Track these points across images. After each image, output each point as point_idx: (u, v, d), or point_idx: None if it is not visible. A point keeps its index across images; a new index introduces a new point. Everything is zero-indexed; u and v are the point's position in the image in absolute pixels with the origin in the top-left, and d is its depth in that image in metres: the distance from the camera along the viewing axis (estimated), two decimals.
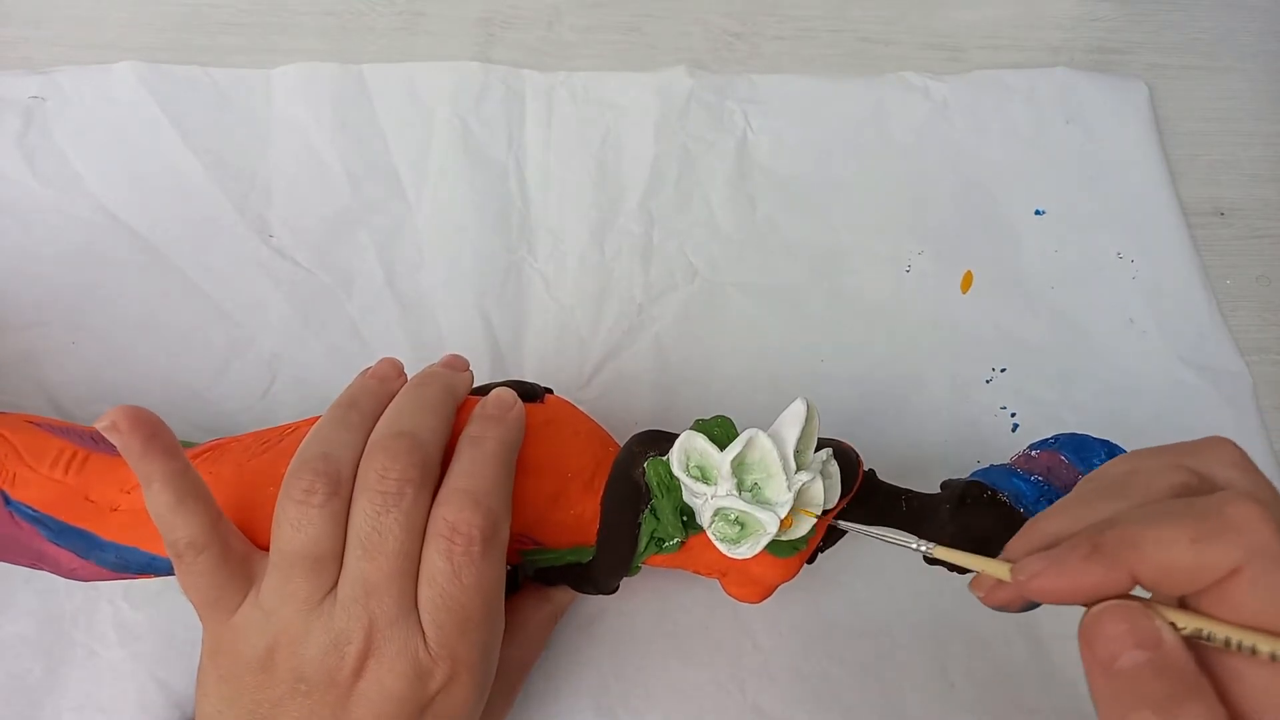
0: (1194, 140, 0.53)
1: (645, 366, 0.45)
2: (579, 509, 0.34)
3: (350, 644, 0.28)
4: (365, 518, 0.29)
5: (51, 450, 0.35)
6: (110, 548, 0.34)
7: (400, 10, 0.53)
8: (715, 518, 0.31)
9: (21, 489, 0.34)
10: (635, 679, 0.39)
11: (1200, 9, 0.57)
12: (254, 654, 0.29)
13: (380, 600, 0.29)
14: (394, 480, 0.29)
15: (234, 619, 0.30)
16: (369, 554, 0.29)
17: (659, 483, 0.33)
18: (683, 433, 0.33)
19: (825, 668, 0.40)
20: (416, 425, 0.31)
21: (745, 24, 0.54)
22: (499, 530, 0.30)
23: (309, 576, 0.29)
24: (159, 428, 0.30)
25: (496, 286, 0.46)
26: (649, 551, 0.34)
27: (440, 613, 0.29)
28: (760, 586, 0.34)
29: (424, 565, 0.29)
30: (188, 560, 0.30)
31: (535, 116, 0.50)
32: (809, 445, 0.33)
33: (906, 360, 0.46)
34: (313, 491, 0.29)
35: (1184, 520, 0.22)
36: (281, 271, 0.45)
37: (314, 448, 0.30)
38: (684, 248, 0.48)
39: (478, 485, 0.30)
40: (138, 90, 0.48)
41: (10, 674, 0.38)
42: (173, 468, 0.30)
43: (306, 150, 0.48)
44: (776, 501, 0.31)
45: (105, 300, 0.44)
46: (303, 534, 0.29)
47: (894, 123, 0.51)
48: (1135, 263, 0.49)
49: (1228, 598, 0.22)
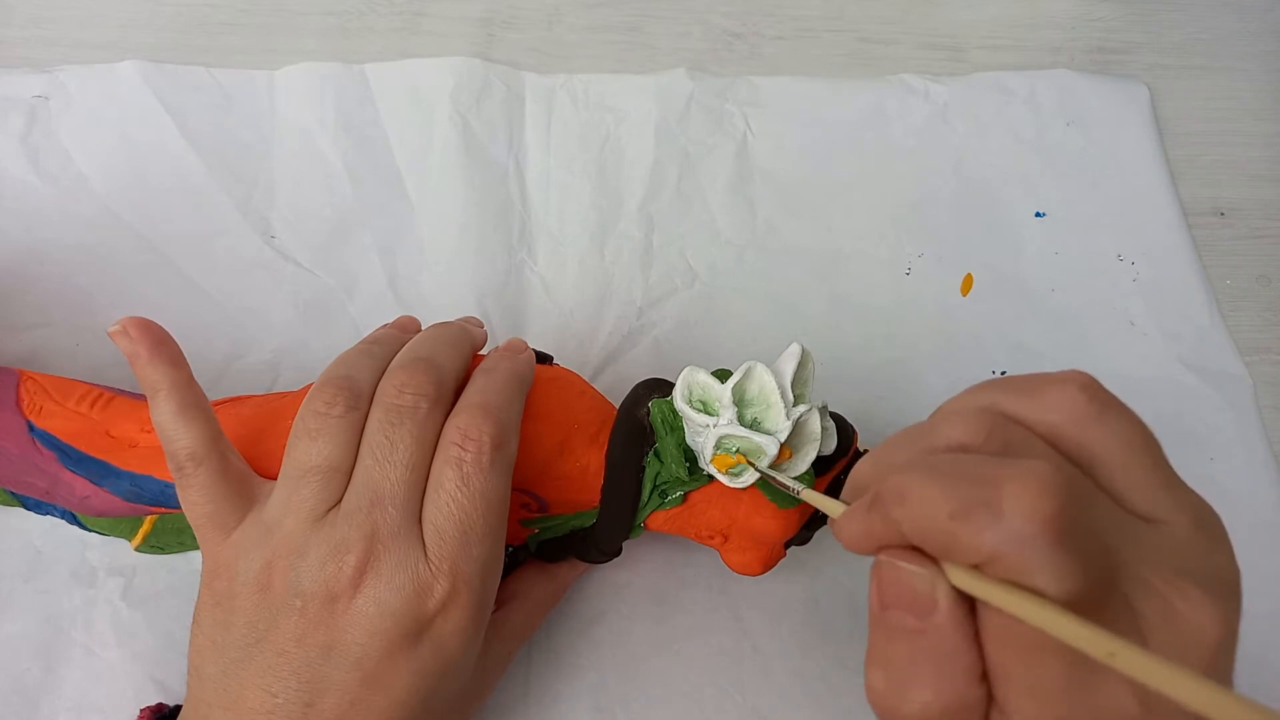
0: (1194, 140, 0.53)
1: (645, 370, 0.45)
2: (584, 461, 0.34)
3: (350, 553, 0.28)
4: (378, 428, 0.30)
5: (78, 389, 0.36)
6: (125, 475, 0.35)
7: (400, 10, 0.53)
8: (717, 448, 0.32)
9: (46, 419, 0.35)
10: (635, 681, 0.39)
11: (1200, 9, 0.57)
12: (251, 571, 0.29)
13: (384, 510, 0.29)
14: (410, 395, 0.30)
15: (233, 535, 0.30)
16: (379, 462, 0.29)
17: (663, 420, 0.34)
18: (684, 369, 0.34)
19: (825, 670, 0.40)
20: (434, 352, 0.32)
21: (745, 24, 0.54)
22: (509, 441, 0.31)
23: (318, 487, 0.29)
24: (166, 338, 0.31)
25: (497, 289, 0.46)
26: (653, 505, 0.34)
27: (444, 522, 0.29)
28: (762, 550, 0.34)
29: (432, 475, 0.30)
30: (188, 471, 0.30)
31: (535, 119, 0.50)
32: (805, 388, 0.33)
33: (907, 363, 0.46)
34: (334, 404, 0.30)
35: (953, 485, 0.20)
36: (284, 272, 0.46)
37: (338, 369, 0.32)
38: (684, 251, 0.48)
39: (490, 400, 0.31)
40: (141, 90, 0.48)
41: (8, 673, 0.38)
42: (177, 376, 0.31)
43: (309, 151, 0.48)
44: (775, 429, 0.32)
45: (108, 301, 0.44)
46: (319, 443, 0.30)
47: (894, 125, 0.51)
48: (1136, 265, 0.49)
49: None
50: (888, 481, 0.22)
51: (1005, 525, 0.19)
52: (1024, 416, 0.23)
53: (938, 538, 0.21)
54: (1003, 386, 0.24)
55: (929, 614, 0.21)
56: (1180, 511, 0.22)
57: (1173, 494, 0.22)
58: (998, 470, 0.20)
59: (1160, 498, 0.22)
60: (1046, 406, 0.23)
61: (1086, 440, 0.22)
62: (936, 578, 0.21)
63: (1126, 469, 0.22)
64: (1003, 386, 0.24)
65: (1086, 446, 0.22)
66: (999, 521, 0.19)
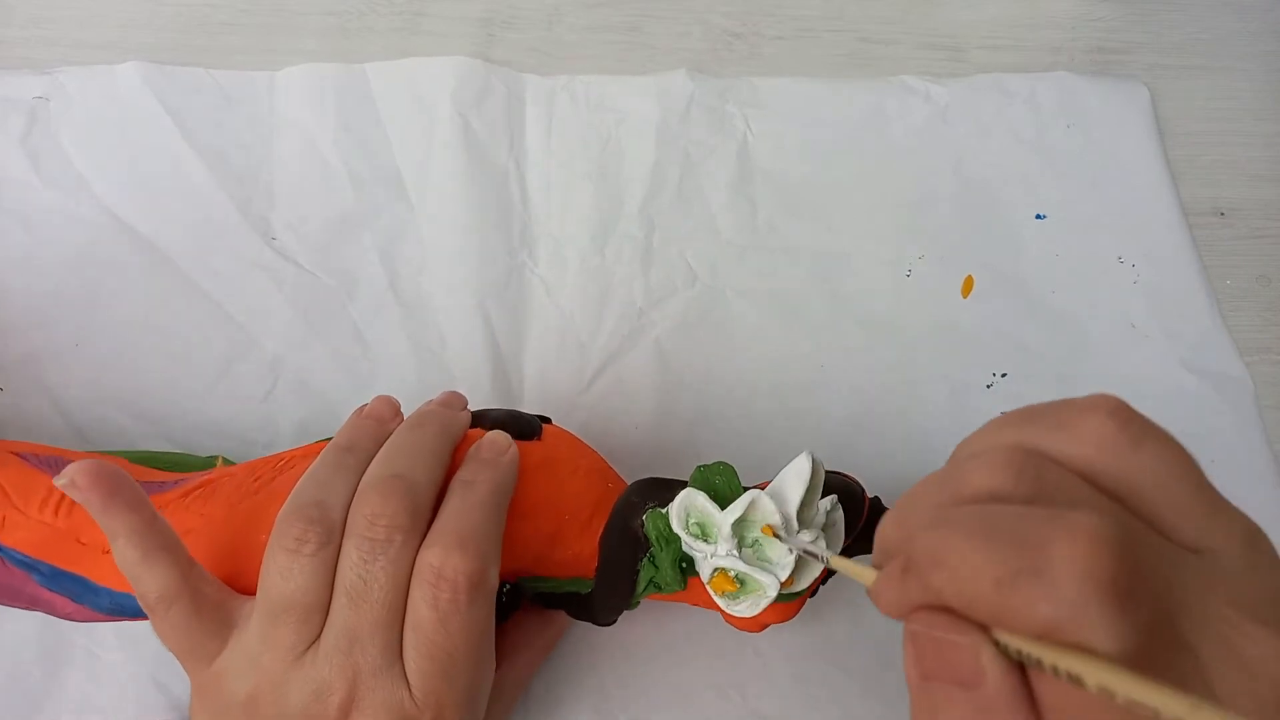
0: (1194, 140, 0.53)
1: (645, 371, 0.45)
2: (577, 548, 0.34)
3: (333, 695, 0.28)
4: (352, 565, 0.29)
5: (40, 490, 0.34)
6: (104, 593, 0.33)
7: (400, 10, 0.52)
8: (715, 574, 0.31)
9: (11, 532, 0.33)
10: (636, 684, 0.39)
11: (1200, 9, 0.56)
12: (237, 700, 0.29)
13: (365, 650, 0.28)
14: (383, 527, 0.29)
15: (215, 665, 0.30)
16: (354, 603, 0.28)
17: (658, 535, 0.33)
18: (683, 487, 0.33)
19: (826, 673, 0.40)
20: (410, 467, 0.31)
21: (745, 24, 0.54)
22: (487, 575, 0.30)
23: (295, 626, 0.29)
24: (120, 481, 0.29)
25: (498, 290, 0.46)
26: (647, 592, 0.34)
27: (425, 661, 0.28)
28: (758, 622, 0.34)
29: (410, 612, 0.29)
30: (159, 613, 0.29)
31: (536, 120, 0.50)
32: (813, 499, 0.32)
33: (907, 365, 0.46)
34: (304, 540, 0.29)
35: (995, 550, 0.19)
36: (284, 274, 0.45)
37: (308, 493, 0.30)
38: (684, 252, 0.48)
39: (466, 527, 0.30)
40: (142, 91, 0.48)
41: (10, 675, 0.38)
42: (136, 521, 0.29)
43: (310, 152, 0.48)
44: (778, 563, 0.31)
45: (108, 302, 0.44)
46: (292, 583, 0.29)
47: (895, 126, 0.51)
48: (1136, 267, 0.49)
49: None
50: (918, 543, 0.21)
51: (1060, 594, 0.18)
52: (1055, 452, 0.22)
53: (984, 607, 0.19)
54: (1027, 419, 0.23)
55: (976, 686, 0.19)
56: (1229, 537, 0.21)
57: (1220, 518, 0.21)
58: (1041, 528, 0.19)
59: (1207, 525, 0.21)
60: (1078, 439, 0.21)
61: (1124, 472, 0.21)
62: (982, 645, 0.19)
63: (1170, 498, 0.21)
64: (1027, 419, 0.23)
65: (1125, 478, 0.21)
66: (1053, 590, 0.18)
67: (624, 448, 0.43)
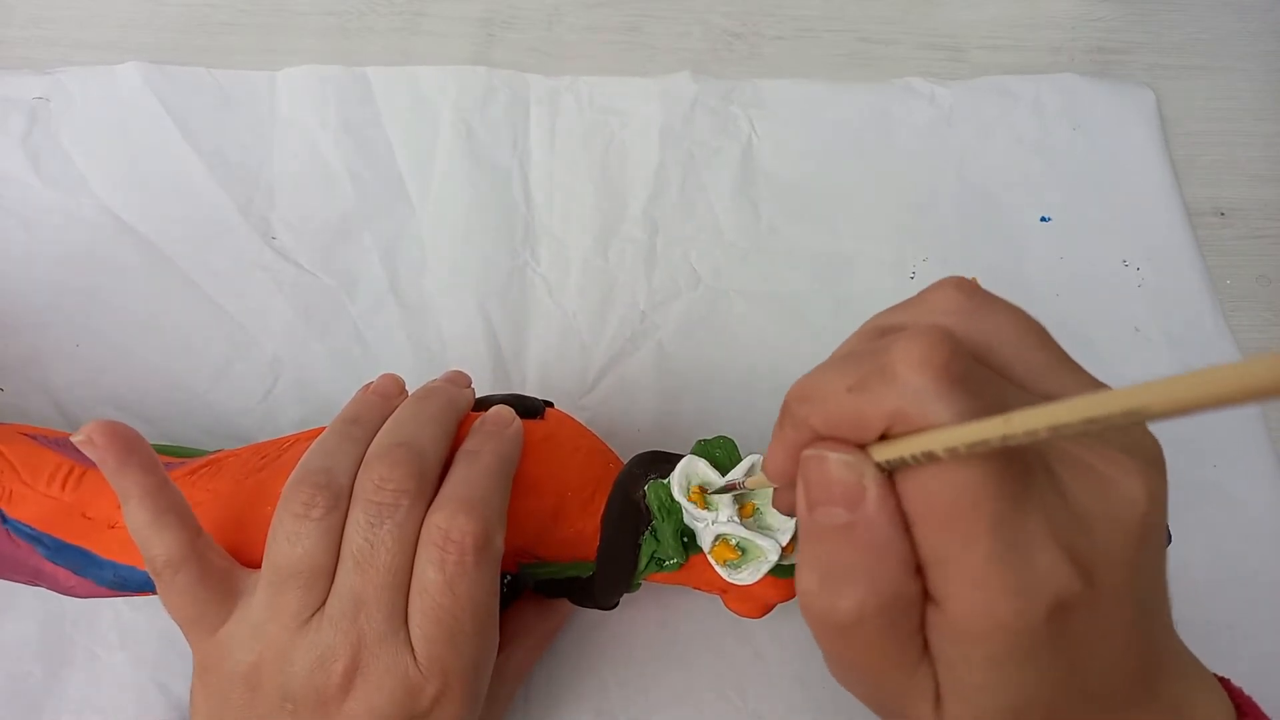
0: (1194, 140, 0.53)
1: (648, 373, 0.45)
2: (579, 526, 0.34)
3: (337, 661, 0.28)
4: (359, 529, 0.29)
5: (48, 466, 0.34)
6: (108, 566, 0.33)
7: (400, 10, 0.52)
8: (716, 542, 0.31)
9: (18, 506, 0.34)
10: (636, 685, 0.39)
11: (1200, 9, 0.57)
12: (239, 670, 0.29)
13: (370, 616, 0.28)
14: (390, 491, 0.29)
15: (218, 635, 0.30)
16: (360, 568, 0.28)
17: (659, 506, 0.33)
18: (684, 456, 0.33)
19: (826, 675, 0.39)
20: (416, 435, 0.31)
21: (745, 24, 0.54)
22: (492, 539, 0.30)
23: (300, 592, 0.29)
24: (135, 442, 0.30)
25: (499, 291, 0.46)
26: (649, 570, 0.34)
27: (431, 625, 0.28)
28: (760, 603, 0.34)
29: (415, 576, 0.29)
30: (166, 578, 0.29)
31: (539, 121, 0.50)
32: None
33: None
34: (312, 505, 0.29)
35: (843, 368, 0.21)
36: (284, 274, 0.45)
37: (315, 460, 0.30)
38: (687, 254, 0.48)
39: (472, 493, 0.30)
40: (142, 91, 0.48)
41: (11, 676, 0.38)
42: (149, 483, 0.29)
43: (310, 152, 0.48)
44: (778, 528, 0.31)
45: (108, 302, 0.44)
46: (299, 548, 0.29)
47: (899, 128, 0.51)
48: (1141, 271, 0.49)
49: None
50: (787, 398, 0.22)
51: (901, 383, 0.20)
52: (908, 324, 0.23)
53: (845, 418, 0.21)
54: (886, 311, 0.25)
55: (858, 504, 0.21)
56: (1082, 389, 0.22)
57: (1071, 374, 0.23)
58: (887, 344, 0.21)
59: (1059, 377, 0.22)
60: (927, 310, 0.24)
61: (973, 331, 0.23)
62: (862, 462, 0.21)
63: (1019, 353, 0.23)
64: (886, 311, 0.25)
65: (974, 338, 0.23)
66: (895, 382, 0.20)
67: (626, 449, 0.43)
